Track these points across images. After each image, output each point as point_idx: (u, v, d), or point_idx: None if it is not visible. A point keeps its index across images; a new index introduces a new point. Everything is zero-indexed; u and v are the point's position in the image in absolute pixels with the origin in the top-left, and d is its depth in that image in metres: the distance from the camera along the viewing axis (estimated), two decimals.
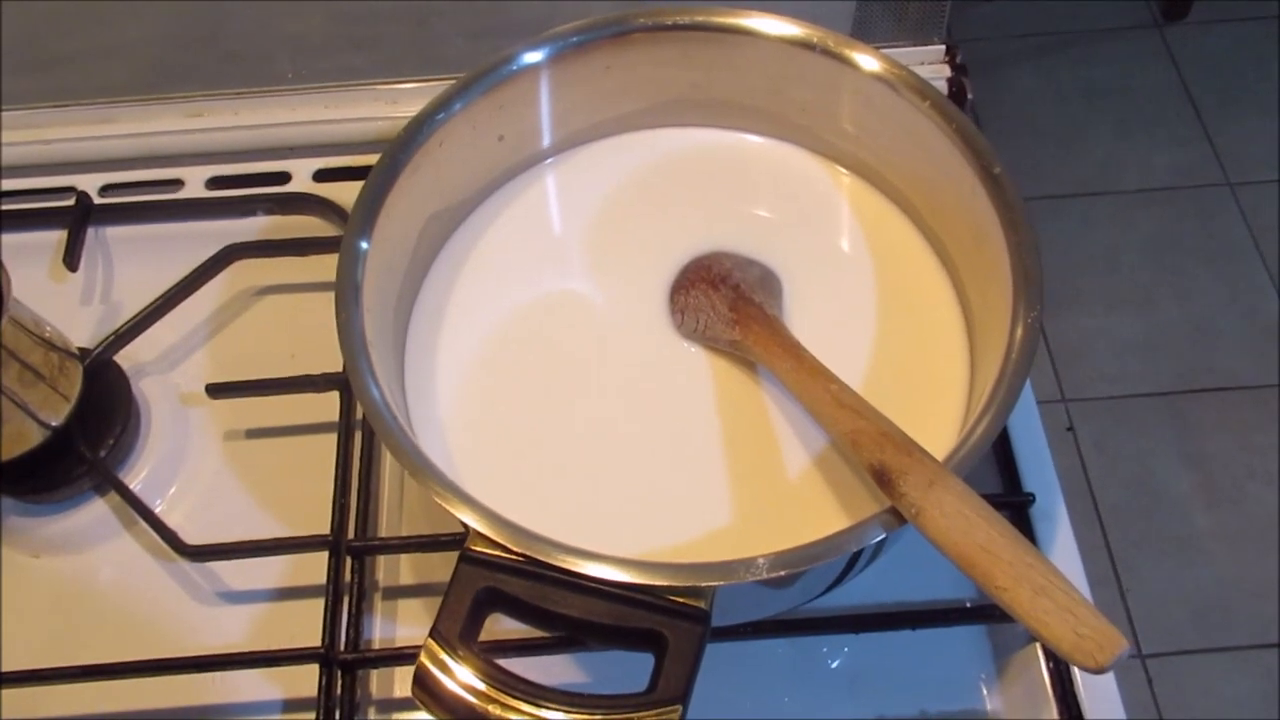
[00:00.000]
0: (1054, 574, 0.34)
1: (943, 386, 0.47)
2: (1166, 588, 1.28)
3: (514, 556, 0.37)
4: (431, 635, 0.36)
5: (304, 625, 0.49)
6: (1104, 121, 1.66)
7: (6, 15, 0.60)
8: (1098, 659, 0.31)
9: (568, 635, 0.45)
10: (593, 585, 0.37)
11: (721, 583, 0.37)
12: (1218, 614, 1.26)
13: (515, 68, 0.50)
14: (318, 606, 0.49)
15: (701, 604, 0.36)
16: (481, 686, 0.35)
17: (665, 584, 0.37)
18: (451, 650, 0.36)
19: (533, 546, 0.37)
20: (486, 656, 0.36)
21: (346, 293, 0.43)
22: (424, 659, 0.36)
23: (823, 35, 0.50)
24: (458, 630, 0.36)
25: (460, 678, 0.36)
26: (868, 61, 0.49)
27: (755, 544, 0.39)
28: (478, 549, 0.38)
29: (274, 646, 0.49)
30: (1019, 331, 0.42)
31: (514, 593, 0.37)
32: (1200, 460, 1.37)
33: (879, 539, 0.38)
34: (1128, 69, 1.71)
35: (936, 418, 0.46)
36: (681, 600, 0.37)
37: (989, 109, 1.65)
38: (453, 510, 0.38)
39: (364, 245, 0.45)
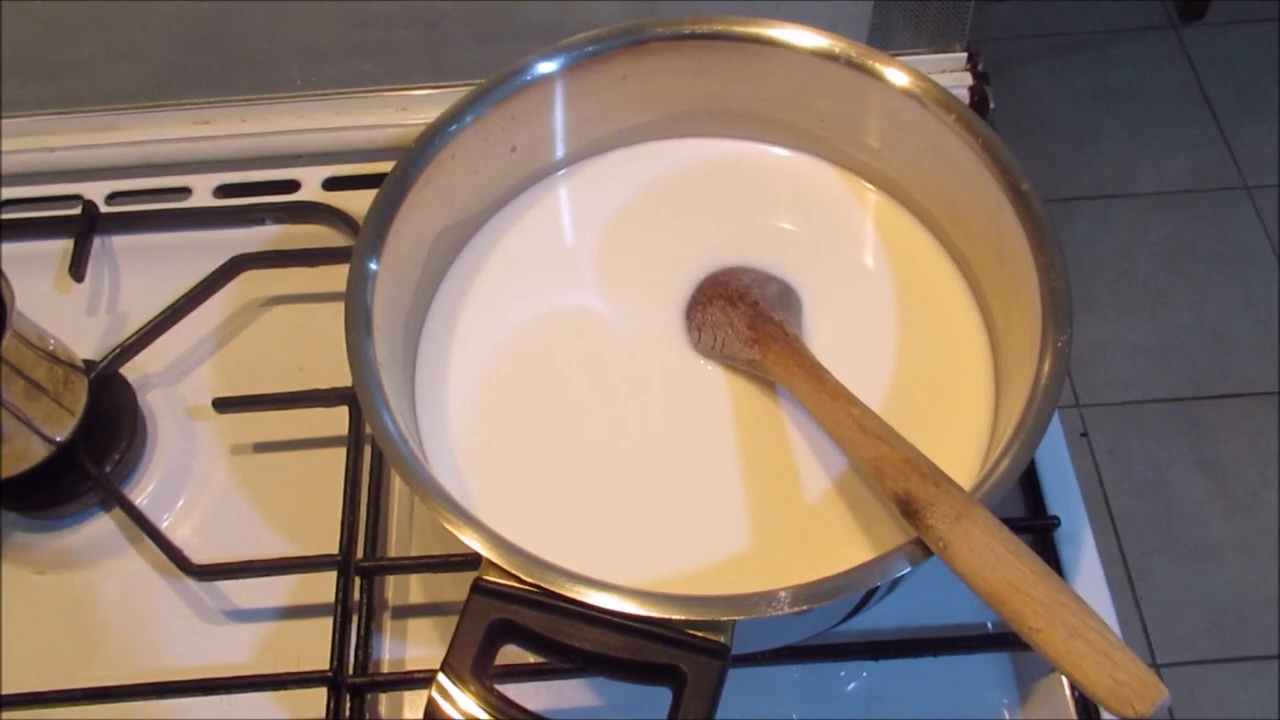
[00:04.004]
0: (1089, 615, 0.33)
1: (967, 407, 0.46)
2: (1181, 596, 1.27)
3: (527, 587, 0.36)
4: (443, 669, 0.35)
5: (312, 644, 0.48)
6: (1119, 123, 1.64)
7: (12, 21, 0.59)
8: (1137, 708, 0.30)
9: (582, 668, 0.44)
10: (608, 618, 0.36)
11: (741, 617, 0.36)
12: (1232, 623, 1.25)
13: (529, 78, 0.49)
14: (326, 625, 0.48)
15: (721, 638, 0.35)
16: None
17: (683, 618, 0.36)
18: (463, 684, 0.35)
19: (546, 577, 0.36)
20: (499, 691, 0.35)
21: (356, 316, 0.42)
22: (434, 694, 0.35)
23: (846, 46, 0.48)
24: (469, 663, 0.35)
25: (471, 713, 0.35)
26: (892, 74, 0.48)
27: (774, 570, 0.38)
28: (490, 579, 0.37)
29: (282, 666, 0.48)
30: (1048, 359, 0.41)
31: (527, 625, 0.36)
32: (1214, 467, 1.35)
33: (904, 572, 0.36)
34: (1143, 70, 1.69)
35: (960, 439, 0.45)
36: (700, 634, 0.36)
37: (1001, 110, 1.63)
38: (465, 539, 0.37)
39: (373, 266, 0.44)
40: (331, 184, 0.63)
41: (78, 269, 0.59)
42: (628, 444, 0.47)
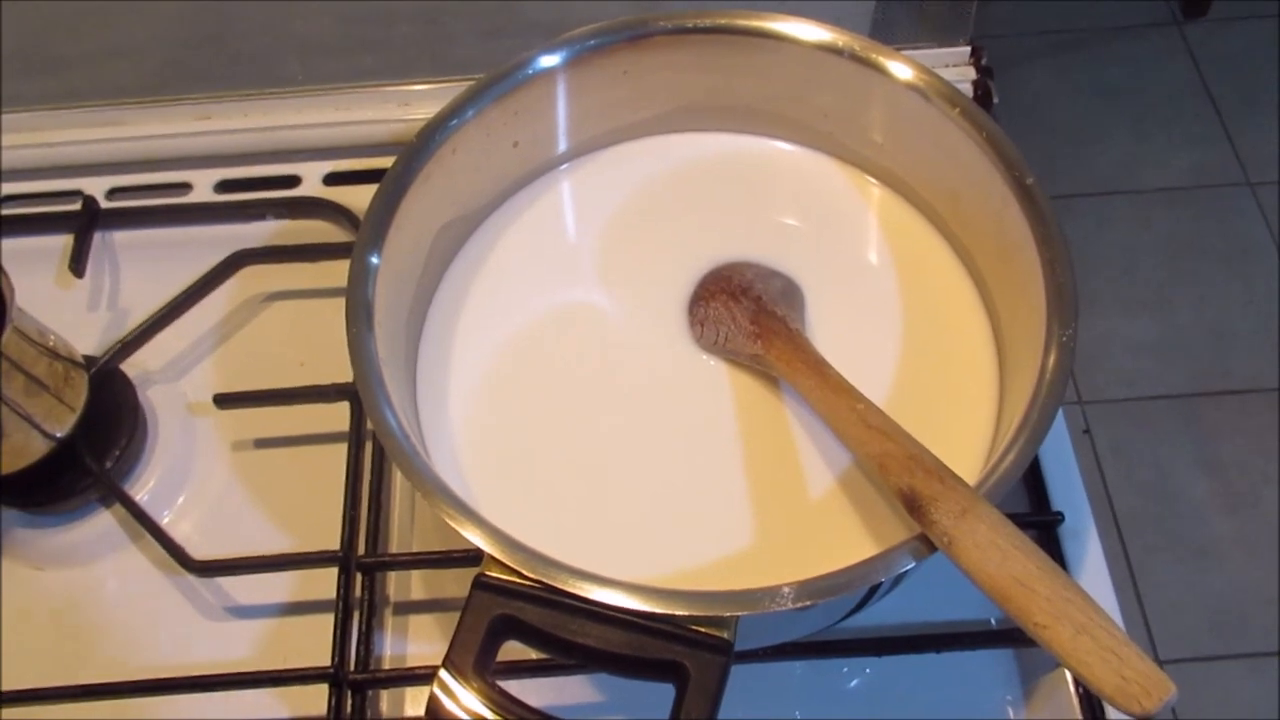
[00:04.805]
0: (1095, 611, 0.32)
1: (971, 402, 0.46)
2: (1183, 593, 1.27)
3: (529, 583, 0.36)
4: (444, 665, 0.35)
5: (314, 640, 0.48)
6: (1121, 120, 1.64)
7: (12, 16, 0.59)
8: (1144, 704, 0.30)
9: (585, 664, 0.43)
10: (611, 614, 0.36)
11: (745, 613, 0.35)
12: (1234, 620, 1.25)
13: (531, 72, 0.49)
14: (327, 621, 0.48)
15: (724, 634, 0.35)
16: (494, 719, 0.34)
17: (686, 613, 0.35)
18: (465, 680, 0.35)
19: (548, 573, 0.36)
20: (501, 687, 0.35)
21: (357, 311, 0.42)
22: (436, 690, 0.35)
23: (849, 40, 0.48)
24: (471, 660, 0.35)
25: (474, 710, 0.34)
26: (896, 68, 0.47)
27: (778, 566, 0.38)
28: (492, 574, 0.36)
29: (283, 662, 0.48)
30: (1052, 354, 0.40)
31: (530, 621, 0.36)
32: (1217, 465, 1.35)
33: (908, 568, 0.36)
34: (1146, 67, 1.69)
35: (964, 435, 0.45)
36: (703, 630, 0.35)
37: (1003, 107, 1.63)
38: (467, 535, 0.37)
39: (374, 261, 0.43)
40: (332, 179, 0.63)
41: (78, 265, 0.58)
42: (630, 439, 0.47)
